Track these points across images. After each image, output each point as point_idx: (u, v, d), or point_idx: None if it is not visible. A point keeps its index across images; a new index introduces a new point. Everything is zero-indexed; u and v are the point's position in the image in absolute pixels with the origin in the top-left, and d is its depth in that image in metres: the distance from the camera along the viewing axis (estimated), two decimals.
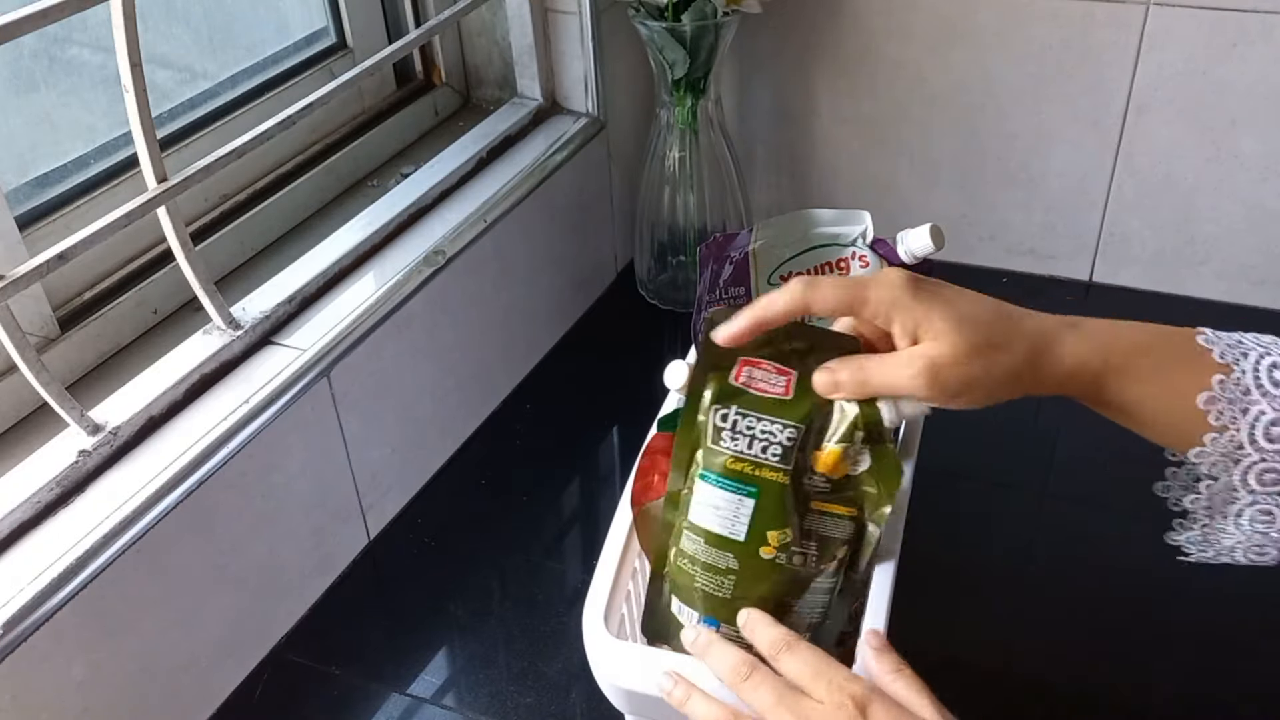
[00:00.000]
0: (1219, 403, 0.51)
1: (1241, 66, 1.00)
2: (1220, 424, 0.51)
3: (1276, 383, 0.51)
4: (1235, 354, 0.52)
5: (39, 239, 0.77)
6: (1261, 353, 0.52)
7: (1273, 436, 0.51)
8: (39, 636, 0.61)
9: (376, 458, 0.87)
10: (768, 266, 0.75)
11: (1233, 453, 0.52)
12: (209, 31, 0.92)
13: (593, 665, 0.59)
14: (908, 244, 0.74)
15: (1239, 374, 0.51)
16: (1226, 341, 0.53)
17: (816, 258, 0.75)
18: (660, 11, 0.99)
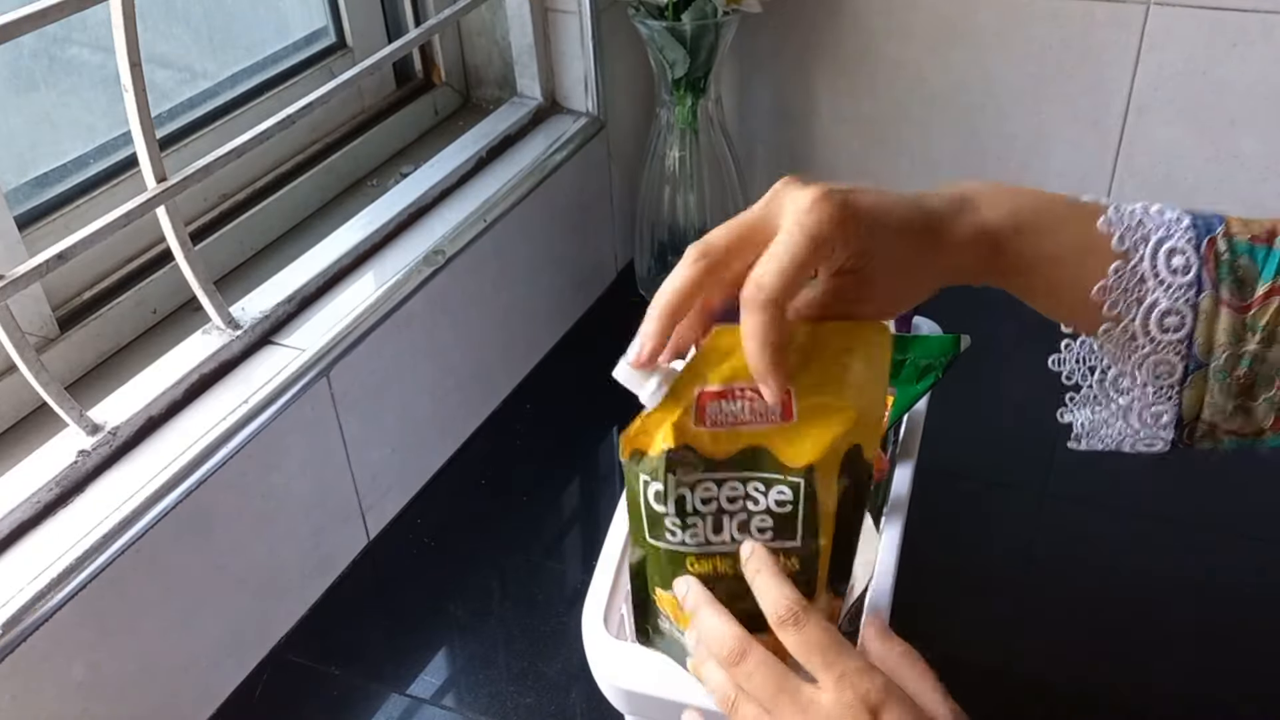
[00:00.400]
0: (1114, 292, 0.49)
1: (1241, 66, 1.00)
2: (1114, 314, 0.50)
3: (1174, 269, 0.49)
4: (1135, 239, 0.50)
5: (39, 239, 0.77)
6: (1162, 236, 0.50)
7: (1166, 326, 0.49)
8: (39, 636, 0.61)
9: (376, 458, 0.87)
10: None
11: (1126, 344, 0.50)
12: (209, 31, 0.92)
13: (592, 665, 0.59)
14: None
15: (1135, 260, 0.49)
16: (1128, 224, 0.50)
17: None
18: (660, 11, 0.99)
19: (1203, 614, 0.79)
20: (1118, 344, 0.50)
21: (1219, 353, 0.49)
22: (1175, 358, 0.50)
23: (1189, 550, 0.86)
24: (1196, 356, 0.49)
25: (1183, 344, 0.49)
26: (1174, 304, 0.49)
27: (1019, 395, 1.02)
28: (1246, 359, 0.49)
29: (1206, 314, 0.49)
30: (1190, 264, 0.49)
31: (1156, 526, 0.88)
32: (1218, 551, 0.85)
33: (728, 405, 0.51)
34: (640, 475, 0.52)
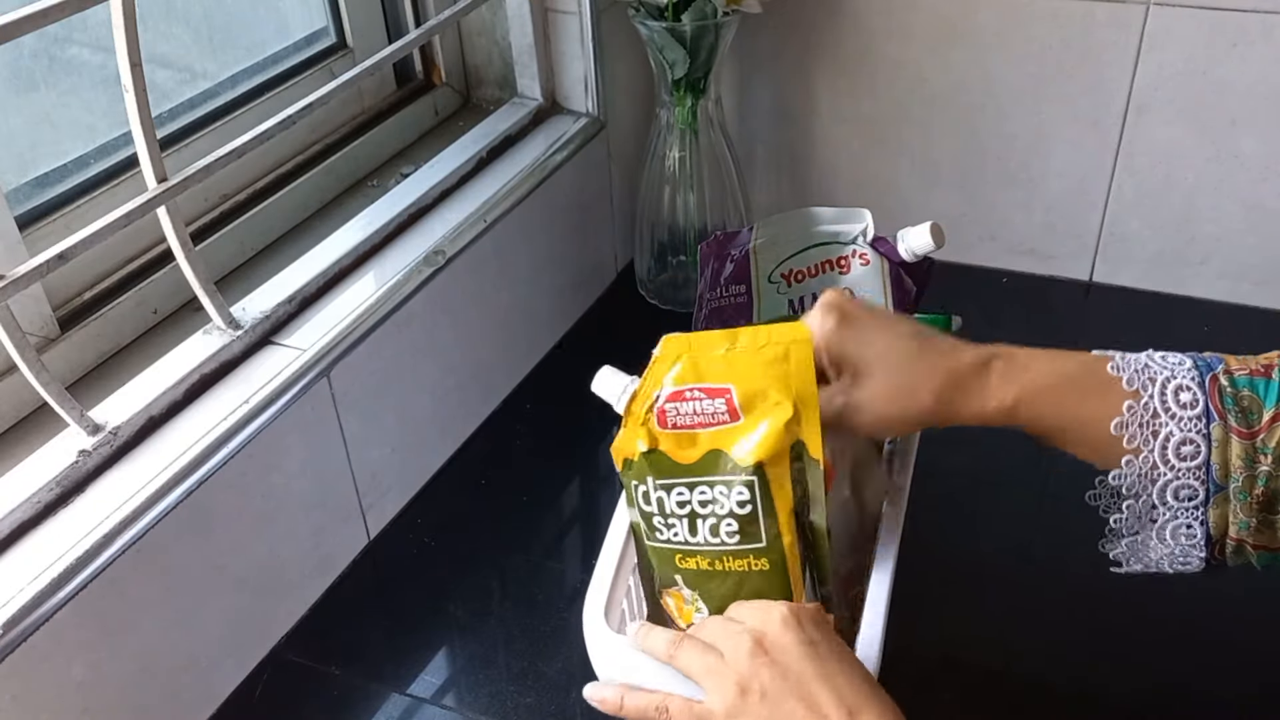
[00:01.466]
0: (1130, 427, 0.55)
1: (1241, 66, 1.00)
2: (1134, 447, 0.55)
3: (1182, 404, 0.54)
4: (1143, 379, 0.55)
5: (39, 239, 0.77)
6: (1167, 376, 0.55)
7: (1183, 455, 0.54)
8: (39, 636, 0.61)
9: (376, 458, 0.87)
10: (768, 264, 0.75)
11: (1149, 473, 0.55)
12: (209, 31, 0.92)
13: (593, 659, 0.59)
14: (908, 242, 0.74)
15: (1146, 398, 0.55)
16: (1134, 367, 0.56)
17: (817, 255, 0.76)
18: (660, 11, 0.99)
19: (1203, 614, 0.79)
20: (1141, 474, 0.55)
21: (1236, 474, 0.53)
22: (1196, 482, 0.54)
23: None
24: (1215, 480, 0.54)
25: (1201, 469, 0.54)
26: (1187, 434, 0.54)
27: None
28: (1262, 478, 0.53)
29: (1219, 441, 0.53)
30: (1198, 399, 0.54)
31: None
32: None
33: (682, 407, 0.57)
34: (632, 480, 0.58)
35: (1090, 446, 0.56)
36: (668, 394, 0.58)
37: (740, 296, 0.76)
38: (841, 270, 0.76)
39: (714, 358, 0.58)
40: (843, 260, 0.76)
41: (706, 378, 0.57)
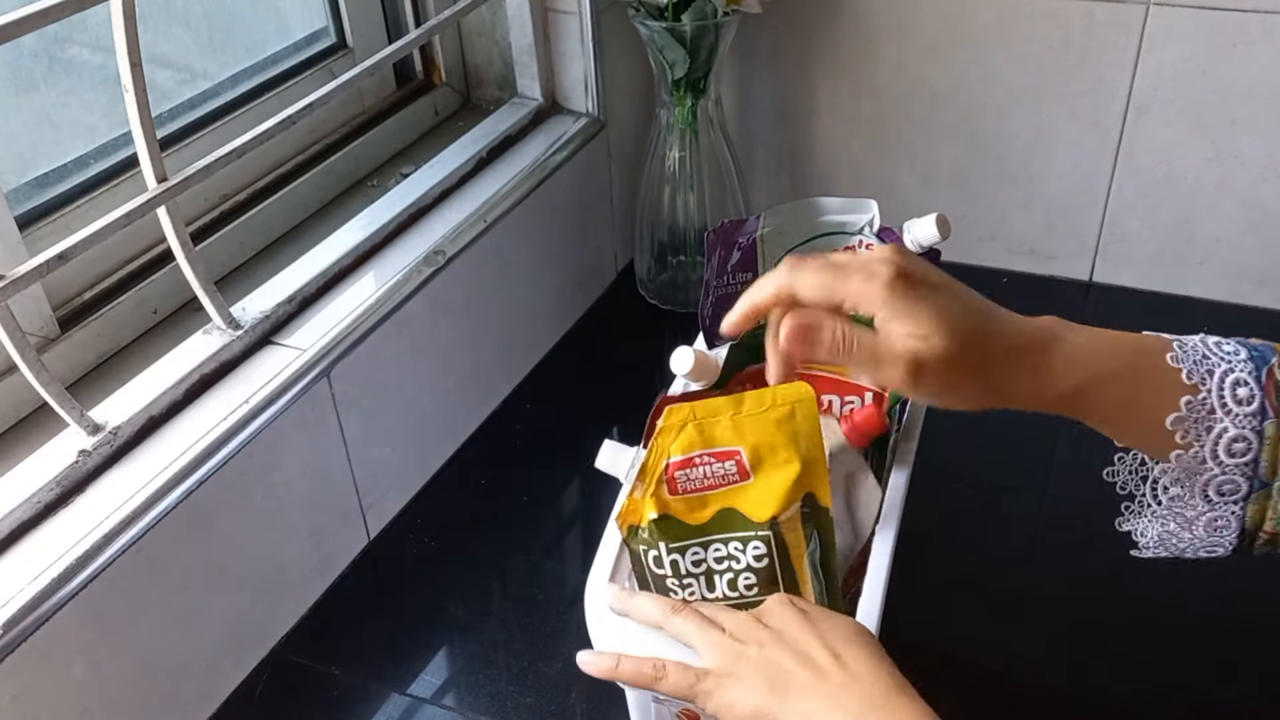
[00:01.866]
0: (1186, 422, 0.54)
1: (1241, 66, 1.00)
2: (1186, 442, 0.54)
3: (1239, 400, 0.53)
4: (1202, 372, 0.54)
5: (39, 239, 0.77)
6: (1226, 369, 0.54)
7: (1234, 452, 0.53)
8: (39, 636, 0.61)
9: (376, 458, 0.87)
10: (775, 253, 0.75)
11: (1195, 467, 0.54)
12: (209, 31, 0.92)
13: (594, 639, 0.59)
14: (914, 233, 0.74)
15: (1205, 393, 0.54)
16: (1194, 358, 0.55)
17: (824, 245, 0.75)
18: (660, 11, 0.99)
19: (1204, 614, 0.79)
20: (1187, 468, 0.54)
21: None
22: (1241, 478, 0.54)
23: None
24: (1261, 477, 0.53)
25: (1248, 466, 0.53)
26: (1241, 431, 0.53)
27: None
28: None
29: (1271, 439, 0.53)
30: (1254, 394, 0.53)
31: None
32: None
33: (692, 473, 0.57)
34: (640, 547, 0.58)
35: (1139, 436, 0.55)
36: (676, 461, 0.58)
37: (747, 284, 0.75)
38: None
39: (721, 422, 0.58)
40: (849, 250, 0.75)
41: (715, 442, 0.57)
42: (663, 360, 0.69)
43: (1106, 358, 0.55)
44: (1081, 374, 0.55)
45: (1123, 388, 0.55)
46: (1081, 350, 0.55)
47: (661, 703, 0.62)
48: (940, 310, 0.53)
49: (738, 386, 0.68)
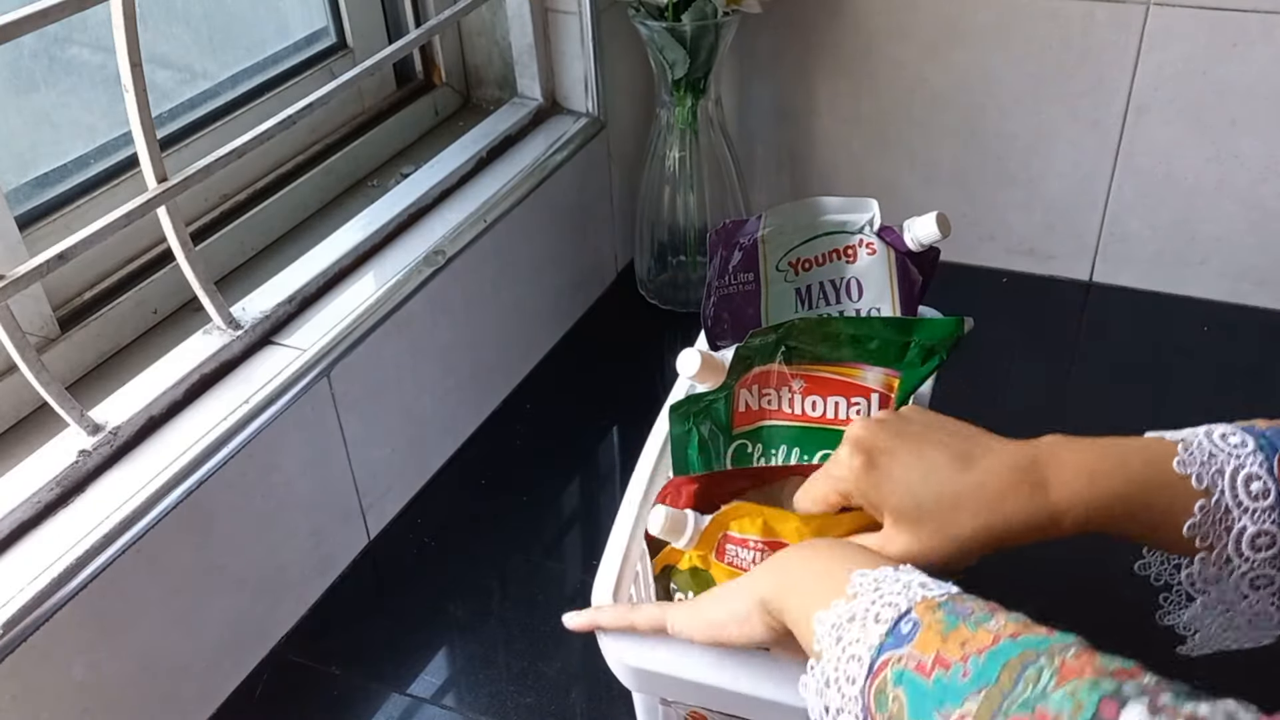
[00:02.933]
0: (1203, 527, 0.53)
1: (1241, 66, 1.00)
2: (1207, 544, 0.53)
3: (1254, 495, 0.52)
4: (1211, 473, 0.53)
5: (39, 239, 0.77)
6: (1236, 465, 0.53)
7: (1258, 546, 0.52)
8: (39, 636, 0.61)
9: (376, 458, 0.87)
10: (776, 253, 0.76)
11: (1223, 565, 0.53)
12: (209, 31, 0.92)
13: (601, 643, 0.59)
14: (914, 231, 0.74)
15: (1218, 494, 0.53)
16: (1201, 459, 0.53)
17: (824, 245, 0.75)
18: (660, 11, 0.99)
19: None
20: (1215, 565, 0.53)
21: None
22: (1272, 570, 0.53)
23: None
24: None
25: (1278, 558, 0.52)
26: (1261, 526, 0.52)
27: (1020, 395, 1.02)
28: None
29: None
30: (1269, 488, 0.52)
31: None
32: None
33: (744, 552, 0.58)
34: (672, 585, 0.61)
35: (1159, 543, 0.55)
36: (736, 537, 0.59)
37: (749, 285, 0.76)
38: (848, 259, 0.76)
39: (788, 523, 0.58)
40: (849, 249, 0.75)
41: (775, 534, 0.58)
42: (663, 360, 0.69)
43: (1110, 476, 0.54)
44: (1087, 498, 0.54)
45: (1133, 505, 0.54)
46: (1083, 473, 0.54)
47: (669, 704, 0.62)
48: (897, 482, 0.54)
49: (741, 389, 0.68)
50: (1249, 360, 1.04)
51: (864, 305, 0.76)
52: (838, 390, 0.67)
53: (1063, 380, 1.04)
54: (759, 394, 0.68)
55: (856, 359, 0.67)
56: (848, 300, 0.76)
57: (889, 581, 0.48)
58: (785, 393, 0.68)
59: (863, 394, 0.67)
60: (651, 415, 0.74)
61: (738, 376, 0.67)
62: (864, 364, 0.67)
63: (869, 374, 0.67)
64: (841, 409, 0.68)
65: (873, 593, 0.47)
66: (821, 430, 0.68)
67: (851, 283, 0.76)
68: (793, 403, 0.68)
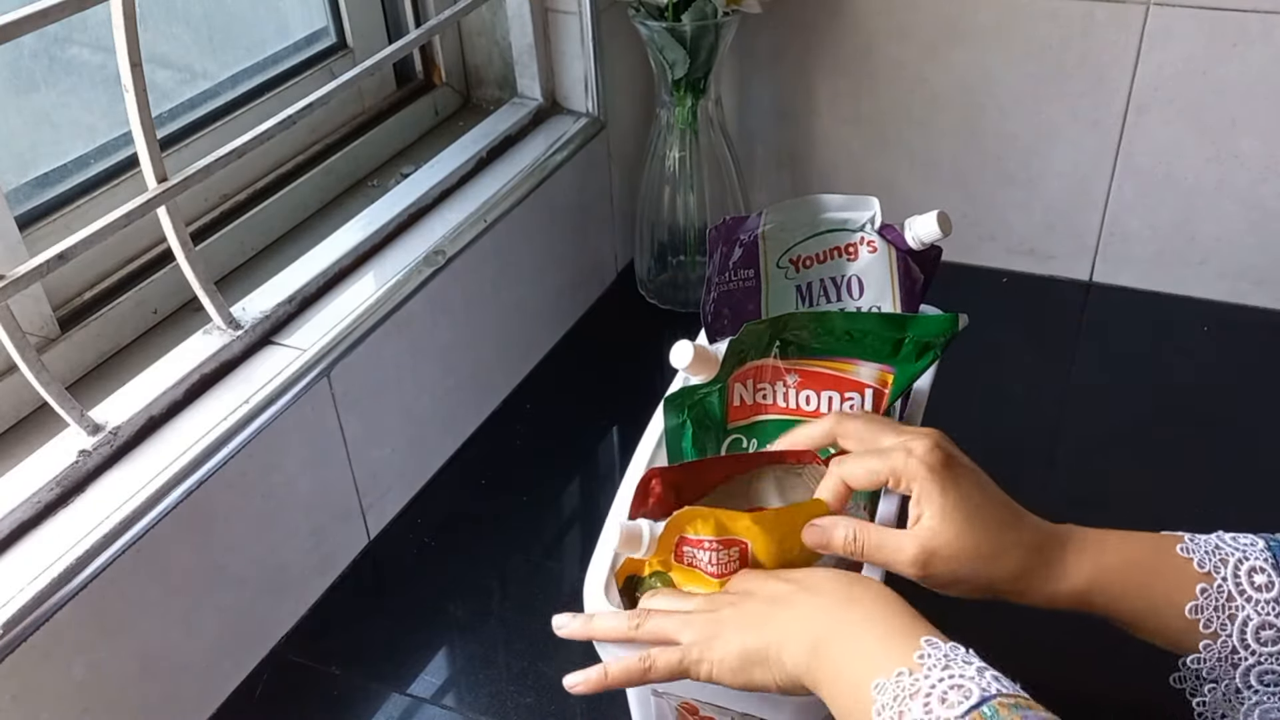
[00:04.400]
0: (1205, 611, 0.53)
1: (1241, 66, 1.00)
2: (1210, 631, 0.53)
3: (1257, 586, 0.53)
4: (1214, 561, 0.54)
5: (39, 239, 0.77)
6: (1240, 557, 0.54)
7: (1263, 639, 0.53)
8: (39, 636, 0.61)
9: (376, 458, 0.87)
10: (776, 249, 0.75)
11: (1229, 656, 0.53)
12: (209, 31, 0.92)
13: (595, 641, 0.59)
14: (915, 230, 0.74)
15: (1220, 580, 0.53)
16: (1205, 549, 0.54)
17: (825, 242, 0.75)
18: (660, 11, 0.99)
19: None
20: (1221, 658, 0.54)
21: None
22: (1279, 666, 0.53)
23: None
24: None
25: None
26: (1265, 618, 0.52)
27: (1019, 395, 1.02)
28: None
29: None
30: (1273, 581, 0.52)
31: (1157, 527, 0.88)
32: None
33: (700, 553, 0.59)
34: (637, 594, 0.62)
35: (1166, 633, 0.55)
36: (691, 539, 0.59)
37: (749, 281, 0.76)
38: (850, 257, 0.75)
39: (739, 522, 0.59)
40: (851, 247, 0.75)
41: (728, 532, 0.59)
42: (663, 360, 0.69)
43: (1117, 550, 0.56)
44: (1094, 566, 0.56)
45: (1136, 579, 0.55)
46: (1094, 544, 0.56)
47: (660, 696, 0.62)
48: (962, 497, 0.56)
49: (736, 383, 0.68)
50: (1249, 360, 1.04)
51: (865, 303, 0.76)
52: (831, 385, 0.68)
53: (1063, 380, 1.04)
54: (754, 389, 0.68)
55: (850, 354, 0.67)
56: (849, 298, 0.76)
57: (959, 663, 0.48)
58: (780, 387, 0.68)
59: (856, 389, 0.68)
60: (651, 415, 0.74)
61: (731, 369, 0.67)
62: (858, 359, 0.67)
63: (863, 369, 0.67)
64: (835, 404, 0.68)
65: (941, 670, 0.47)
66: None
67: (852, 280, 0.76)
68: (787, 397, 0.68)
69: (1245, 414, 0.98)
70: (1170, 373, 1.03)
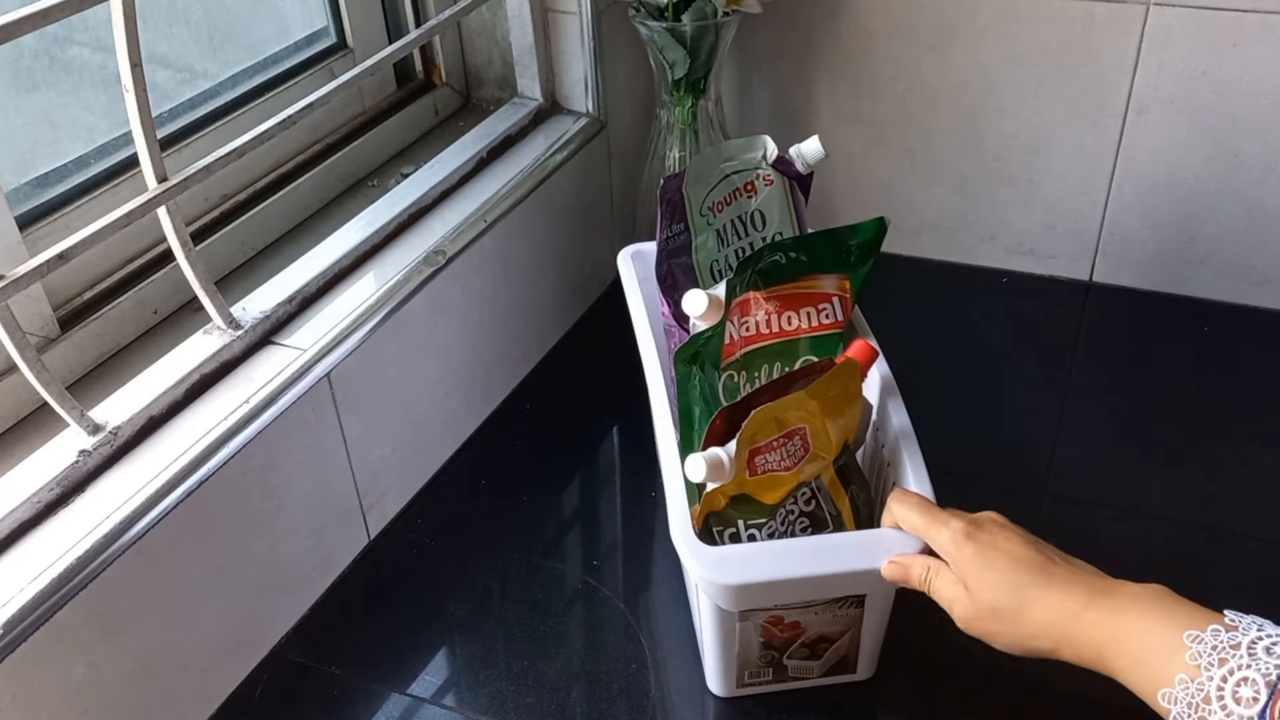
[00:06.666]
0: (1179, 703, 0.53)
1: (1241, 66, 1.00)
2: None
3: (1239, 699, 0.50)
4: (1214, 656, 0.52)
5: (39, 239, 0.77)
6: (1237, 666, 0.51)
7: None
8: (39, 636, 0.61)
9: (376, 458, 0.87)
10: (697, 200, 0.81)
11: None
12: (209, 31, 0.92)
13: (699, 578, 0.64)
14: (804, 154, 0.82)
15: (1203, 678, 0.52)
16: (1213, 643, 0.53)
17: (730, 184, 0.82)
18: (660, 11, 0.99)
19: None
20: None
21: None
22: None
23: (1190, 550, 0.86)
24: None
25: None
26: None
27: (1019, 397, 1.02)
28: None
29: None
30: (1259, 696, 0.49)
31: (1156, 526, 0.88)
32: (1219, 551, 0.85)
33: (771, 455, 0.67)
34: (713, 527, 0.68)
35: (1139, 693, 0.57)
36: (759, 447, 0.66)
37: (681, 235, 0.82)
38: (749, 193, 0.82)
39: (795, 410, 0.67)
40: (749, 185, 0.82)
41: (789, 424, 0.67)
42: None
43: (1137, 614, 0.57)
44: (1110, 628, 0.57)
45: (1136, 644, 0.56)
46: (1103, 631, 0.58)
47: (748, 618, 0.68)
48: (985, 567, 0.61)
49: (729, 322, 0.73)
50: (1249, 360, 1.04)
51: (768, 233, 0.83)
52: (804, 302, 0.76)
53: (1063, 380, 1.04)
54: (739, 324, 0.74)
55: (810, 271, 0.75)
56: (754, 232, 0.83)
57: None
58: (760, 314, 0.75)
59: (825, 299, 0.76)
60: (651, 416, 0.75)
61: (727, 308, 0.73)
62: (818, 274, 0.75)
63: (824, 281, 0.76)
64: (812, 317, 0.76)
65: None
66: (799, 341, 0.76)
67: (755, 215, 0.83)
68: (770, 323, 0.75)
69: (1245, 414, 0.98)
70: (1170, 373, 1.03)
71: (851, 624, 0.71)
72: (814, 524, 0.71)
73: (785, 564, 0.65)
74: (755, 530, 0.69)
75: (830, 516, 0.72)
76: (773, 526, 0.69)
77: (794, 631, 0.70)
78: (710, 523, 0.68)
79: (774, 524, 0.69)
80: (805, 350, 0.77)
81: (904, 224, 1.18)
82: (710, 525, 0.68)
